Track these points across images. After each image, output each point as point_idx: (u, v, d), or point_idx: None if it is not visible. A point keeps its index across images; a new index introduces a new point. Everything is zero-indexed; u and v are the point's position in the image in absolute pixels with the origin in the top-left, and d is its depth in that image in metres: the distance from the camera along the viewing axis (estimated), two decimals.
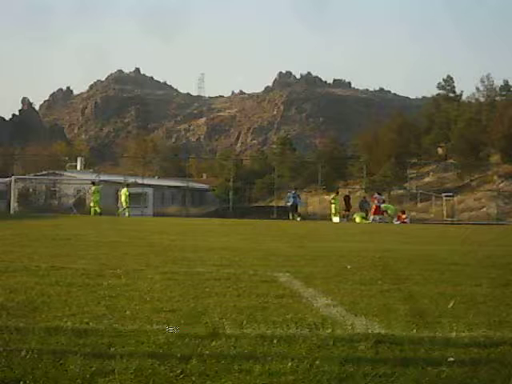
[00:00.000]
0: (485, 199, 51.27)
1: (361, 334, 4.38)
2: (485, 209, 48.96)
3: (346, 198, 38.13)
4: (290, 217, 35.66)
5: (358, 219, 35.61)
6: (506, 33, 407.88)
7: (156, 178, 64.96)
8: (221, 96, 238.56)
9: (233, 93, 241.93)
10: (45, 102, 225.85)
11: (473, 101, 73.09)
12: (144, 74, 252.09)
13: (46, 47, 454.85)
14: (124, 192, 35.82)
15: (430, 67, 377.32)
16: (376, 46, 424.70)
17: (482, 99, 72.19)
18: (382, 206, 35.63)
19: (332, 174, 58.63)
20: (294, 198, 36.16)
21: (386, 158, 60.15)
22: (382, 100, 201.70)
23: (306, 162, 68.41)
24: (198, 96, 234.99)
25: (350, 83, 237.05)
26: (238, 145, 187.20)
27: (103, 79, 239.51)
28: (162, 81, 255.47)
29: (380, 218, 34.99)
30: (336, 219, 36.10)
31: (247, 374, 3.41)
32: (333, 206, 37.04)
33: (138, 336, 4.13)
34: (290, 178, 60.96)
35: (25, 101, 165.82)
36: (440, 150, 68.28)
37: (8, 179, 42.37)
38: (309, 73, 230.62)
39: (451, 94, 75.84)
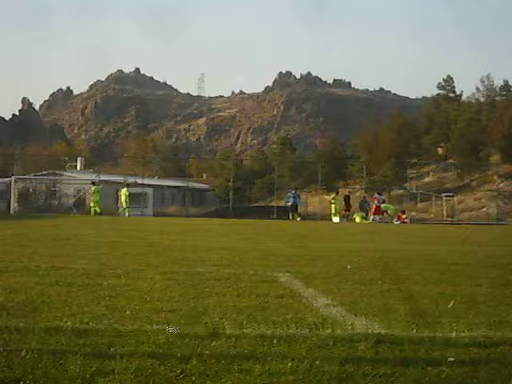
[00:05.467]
0: (485, 199, 51.25)
1: (361, 333, 4.37)
2: (485, 209, 48.94)
3: (346, 198, 38.13)
4: (290, 217, 35.65)
5: (358, 219, 35.61)
6: (506, 33, 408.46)
7: (156, 178, 64.92)
8: (221, 96, 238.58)
9: (233, 93, 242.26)
10: (45, 101, 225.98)
11: (473, 101, 73.09)
12: (144, 74, 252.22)
13: (46, 47, 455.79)
14: (124, 192, 35.82)
15: (430, 67, 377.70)
16: (376, 45, 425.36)
17: (482, 99, 72.23)
18: (382, 206, 35.63)
19: (332, 174, 58.61)
20: (294, 197, 36.15)
21: (386, 157, 60.15)
22: (381, 100, 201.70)
23: (306, 162, 68.38)
24: (198, 96, 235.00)
25: (350, 83, 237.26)
26: (238, 145, 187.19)
27: (103, 79, 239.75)
28: (162, 81, 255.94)
29: (380, 218, 34.99)
30: (336, 219, 36.10)
31: (247, 374, 3.41)
32: (333, 206, 37.05)
33: (138, 336, 4.12)
34: (290, 178, 60.93)
35: (25, 101, 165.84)
36: (440, 150, 68.26)
37: (8, 179, 42.34)
38: (309, 73, 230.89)
39: (451, 94, 75.83)
